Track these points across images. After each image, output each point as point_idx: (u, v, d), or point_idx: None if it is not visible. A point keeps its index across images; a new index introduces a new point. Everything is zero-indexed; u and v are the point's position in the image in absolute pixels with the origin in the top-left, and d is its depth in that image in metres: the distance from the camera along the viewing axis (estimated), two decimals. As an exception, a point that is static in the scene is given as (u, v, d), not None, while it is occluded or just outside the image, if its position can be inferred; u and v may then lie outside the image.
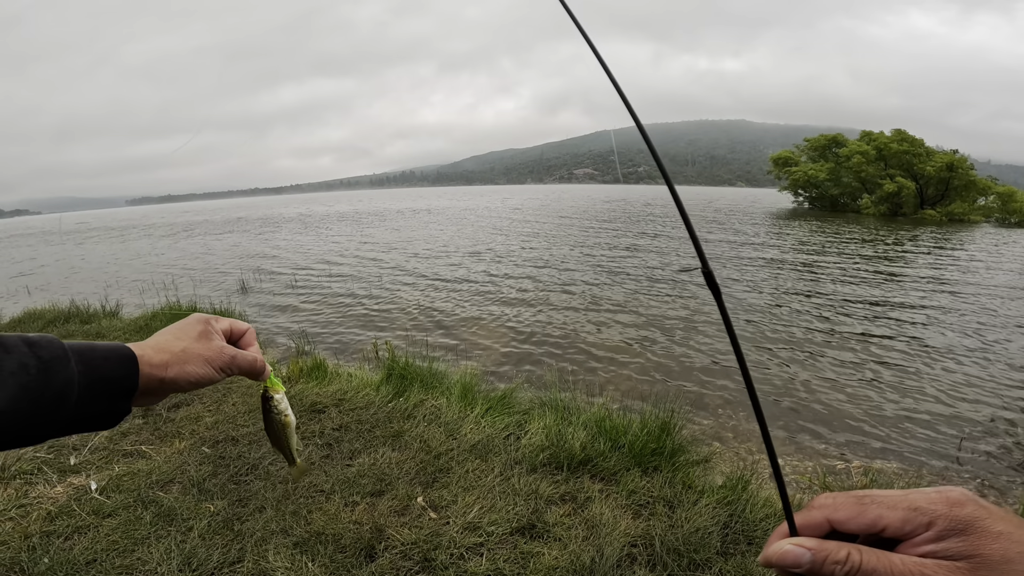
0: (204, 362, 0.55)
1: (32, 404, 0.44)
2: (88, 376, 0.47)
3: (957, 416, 4.30)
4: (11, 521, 2.18)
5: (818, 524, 0.36)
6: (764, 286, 9.63)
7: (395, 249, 15.76)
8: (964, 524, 0.32)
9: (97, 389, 0.48)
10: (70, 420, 0.47)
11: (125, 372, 0.50)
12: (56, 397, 0.45)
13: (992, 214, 34.65)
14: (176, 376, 0.53)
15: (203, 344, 0.56)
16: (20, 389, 0.43)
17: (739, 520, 2.20)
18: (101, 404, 0.49)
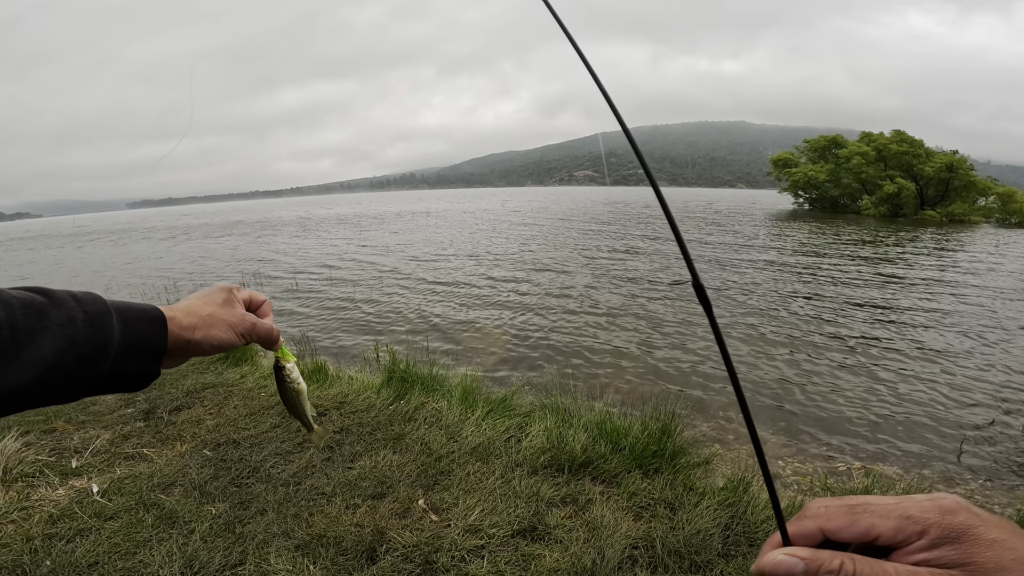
0: (228, 327, 0.58)
1: (77, 358, 0.44)
2: (125, 334, 0.48)
3: (958, 418, 4.30)
4: (13, 524, 2.18)
5: (811, 533, 0.36)
6: (765, 288, 9.63)
7: (394, 252, 15.78)
8: (957, 532, 0.32)
9: (132, 348, 0.49)
10: (103, 377, 0.47)
11: (156, 333, 0.51)
12: (97, 352, 0.46)
13: (992, 215, 34.66)
14: (202, 339, 0.55)
15: (227, 310, 0.59)
16: (68, 342, 0.44)
17: (740, 522, 2.20)
18: (134, 364, 0.50)
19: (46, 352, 0.42)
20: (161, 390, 3.69)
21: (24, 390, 0.41)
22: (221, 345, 0.57)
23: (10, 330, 0.40)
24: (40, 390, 0.43)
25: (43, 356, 0.42)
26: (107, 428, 3.12)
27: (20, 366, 0.40)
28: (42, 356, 0.42)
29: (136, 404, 3.47)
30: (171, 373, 4.05)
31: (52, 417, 3.22)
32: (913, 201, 35.81)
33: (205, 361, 4.37)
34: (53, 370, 0.43)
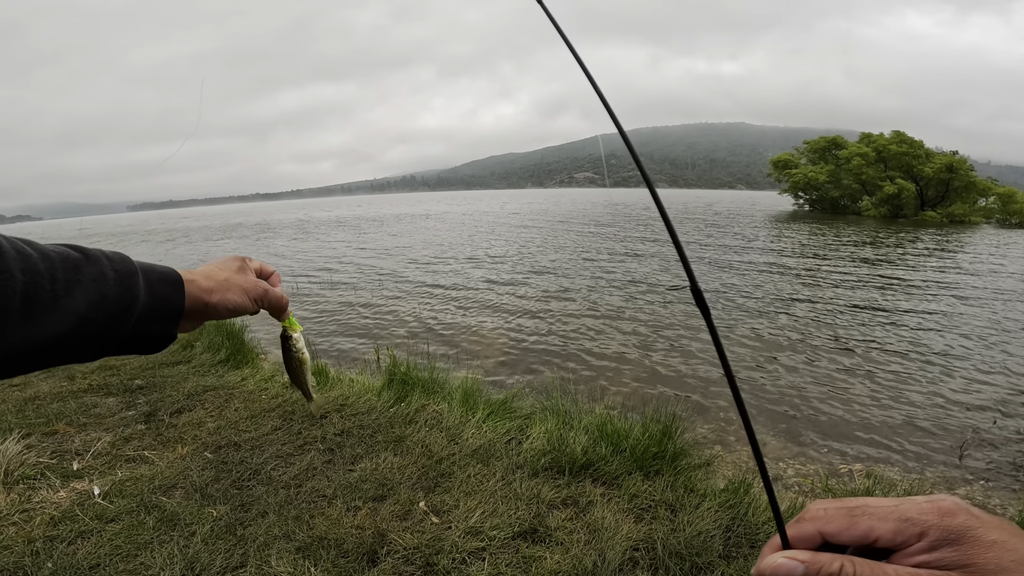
0: (242, 292, 0.60)
1: (106, 314, 0.46)
2: (149, 295, 0.50)
3: (959, 419, 4.30)
4: (14, 526, 2.18)
5: (810, 536, 0.36)
6: (765, 290, 9.63)
7: (393, 255, 15.79)
8: (956, 534, 0.32)
9: (154, 309, 0.50)
10: (127, 337, 0.49)
11: (176, 296, 0.53)
12: (124, 310, 0.47)
13: (993, 215, 34.65)
14: (218, 302, 0.57)
15: (242, 276, 0.61)
16: (100, 296, 0.45)
17: (741, 523, 2.20)
18: (155, 325, 0.51)
19: (80, 305, 0.44)
20: (162, 392, 3.69)
21: (58, 340, 0.43)
22: (236, 309, 0.59)
23: (50, 281, 0.42)
24: (72, 342, 0.44)
25: (77, 308, 0.43)
26: (108, 430, 3.13)
27: (57, 316, 0.42)
28: (76, 308, 0.43)
29: (137, 407, 3.47)
30: (173, 376, 4.06)
31: (53, 419, 3.22)
32: (913, 202, 35.81)
33: (206, 364, 4.38)
34: (85, 323, 0.44)
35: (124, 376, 4.07)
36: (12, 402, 3.56)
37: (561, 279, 10.71)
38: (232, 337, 4.90)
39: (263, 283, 0.64)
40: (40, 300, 0.41)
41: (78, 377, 4.06)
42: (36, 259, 0.42)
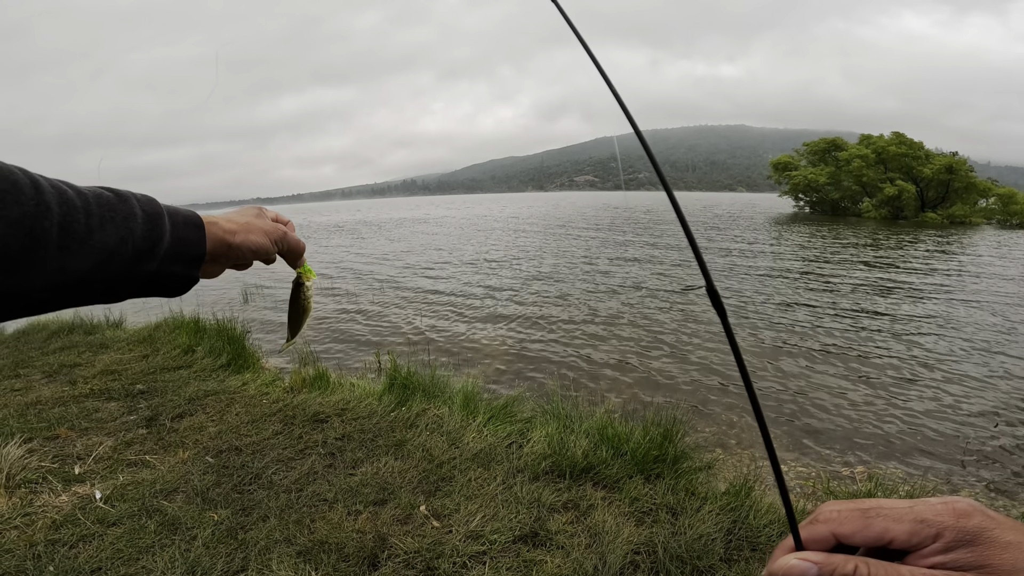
0: (263, 233, 0.62)
1: (134, 251, 0.47)
2: (173, 236, 0.51)
3: (962, 422, 4.29)
4: (16, 530, 2.19)
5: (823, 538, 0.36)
6: (766, 292, 9.63)
7: (392, 260, 15.81)
8: (972, 535, 0.32)
9: (178, 250, 0.52)
10: (151, 277, 0.50)
11: (198, 239, 0.54)
12: (150, 249, 0.49)
13: (993, 216, 34.62)
14: (241, 243, 0.59)
15: (262, 220, 0.63)
16: (129, 233, 0.47)
17: (743, 526, 2.20)
18: (178, 266, 0.52)
19: (111, 240, 0.45)
20: (163, 397, 3.70)
21: (89, 274, 0.44)
22: (257, 250, 0.61)
23: (85, 216, 0.44)
24: (101, 277, 0.45)
25: (108, 243, 0.45)
26: (110, 435, 3.13)
27: (90, 249, 0.44)
28: (108, 243, 0.45)
29: (139, 411, 3.48)
30: (174, 380, 4.06)
31: (55, 424, 3.23)
32: (914, 203, 35.81)
33: (207, 368, 4.38)
34: (114, 258, 0.45)
35: (125, 381, 4.08)
36: (14, 406, 3.56)
37: (560, 284, 10.72)
38: (233, 342, 4.91)
39: (282, 227, 0.66)
40: (75, 232, 0.43)
41: (80, 382, 4.07)
42: (72, 195, 0.44)
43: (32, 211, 0.40)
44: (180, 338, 5.15)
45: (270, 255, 0.64)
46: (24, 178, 0.40)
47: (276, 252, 0.65)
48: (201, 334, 5.22)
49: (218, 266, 0.61)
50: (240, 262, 0.62)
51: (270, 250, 0.63)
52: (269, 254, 0.63)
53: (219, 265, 0.61)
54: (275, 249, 0.64)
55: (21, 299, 0.41)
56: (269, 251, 0.63)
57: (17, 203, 0.39)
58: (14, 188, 0.39)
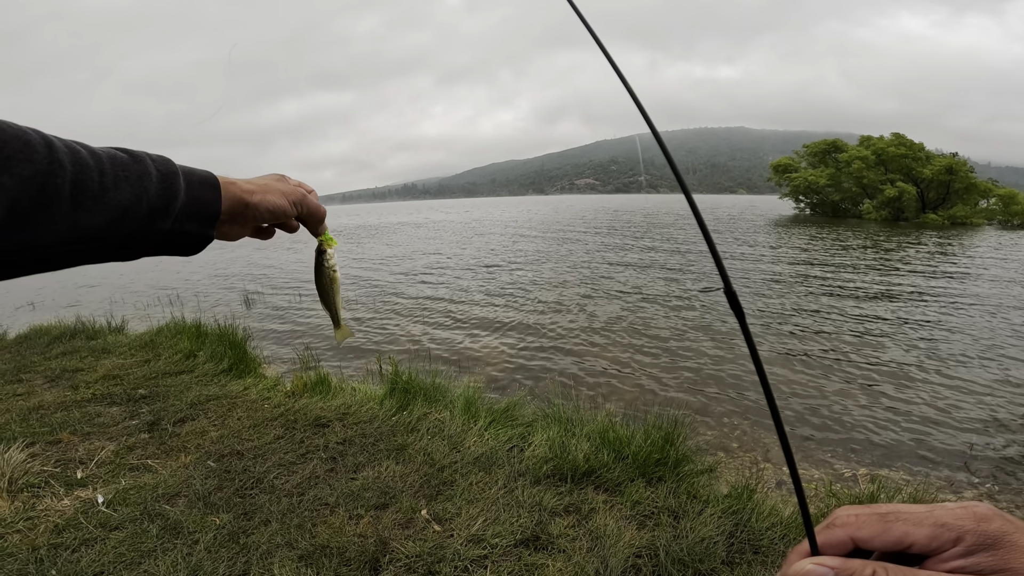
0: (281, 194, 0.62)
1: (148, 209, 0.49)
2: (188, 195, 0.52)
3: (965, 424, 4.27)
4: (19, 533, 2.19)
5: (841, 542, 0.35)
6: (767, 294, 9.62)
7: (392, 265, 15.84)
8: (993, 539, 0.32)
9: (192, 209, 0.53)
10: (167, 235, 0.51)
11: (213, 199, 0.55)
12: (165, 207, 0.50)
13: (995, 216, 34.54)
14: (258, 203, 0.60)
15: (282, 183, 0.64)
16: (143, 191, 0.48)
17: (745, 529, 2.19)
18: (193, 224, 0.53)
19: (125, 198, 0.46)
20: (165, 402, 3.71)
21: (103, 231, 0.45)
22: (274, 209, 0.61)
23: (99, 174, 0.45)
24: (115, 233, 0.47)
25: (122, 201, 0.46)
26: (112, 439, 3.14)
27: (104, 206, 0.45)
28: (122, 201, 0.46)
29: (140, 416, 3.49)
30: (176, 385, 4.07)
31: (57, 428, 3.24)
32: (914, 205, 35.76)
33: (209, 373, 4.39)
34: (128, 215, 0.47)
35: (127, 386, 4.09)
36: (16, 411, 3.57)
37: (560, 288, 10.72)
38: (235, 347, 4.92)
39: (302, 190, 0.66)
40: (89, 190, 0.44)
41: (82, 387, 4.08)
42: (86, 155, 0.45)
43: (45, 169, 0.41)
44: (182, 343, 5.16)
45: (288, 217, 0.64)
46: (38, 138, 0.42)
47: (295, 215, 0.64)
48: (203, 339, 5.23)
49: (237, 227, 0.62)
50: (258, 223, 0.62)
51: (288, 211, 0.63)
52: (287, 215, 0.63)
53: (238, 226, 0.62)
54: (294, 211, 0.64)
55: (33, 252, 0.43)
56: (287, 212, 0.63)
57: (30, 161, 0.40)
58: (27, 147, 0.40)
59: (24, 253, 0.42)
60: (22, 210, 0.40)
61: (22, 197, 0.39)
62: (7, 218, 0.39)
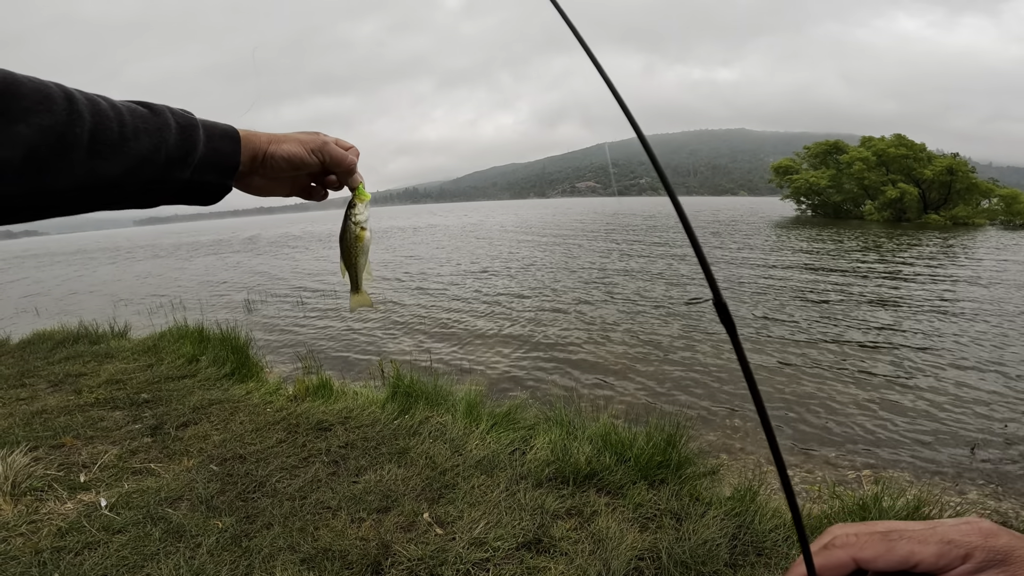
0: (299, 143, 0.62)
1: (166, 159, 0.51)
2: (207, 147, 0.55)
3: (970, 425, 4.26)
4: (22, 537, 2.20)
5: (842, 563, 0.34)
6: (769, 295, 9.61)
7: (393, 268, 15.86)
8: (1003, 554, 0.31)
9: (212, 160, 0.55)
10: (185, 184, 0.54)
11: (233, 150, 0.57)
12: (183, 158, 0.52)
13: (997, 216, 34.44)
14: (274, 152, 0.61)
15: (303, 133, 0.64)
16: (161, 141, 0.50)
17: (747, 531, 2.19)
18: (211, 175, 0.56)
19: (143, 147, 0.49)
20: (168, 406, 3.72)
21: (121, 178, 0.48)
22: (291, 157, 0.61)
23: (119, 125, 0.47)
24: (133, 181, 0.49)
25: (140, 151, 0.49)
26: (115, 443, 3.15)
27: (122, 155, 0.47)
28: (139, 150, 0.49)
29: (143, 420, 3.50)
30: (178, 390, 4.08)
31: (60, 432, 3.25)
32: (916, 205, 35.69)
33: (211, 378, 4.40)
34: (146, 164, 0.49)
35: (130, 390, 4.10)
36: (20, 415, 3.59)
37: (563, 291, 10.73)
38: (237, 351, 4.93)
39: (324, 136, 0.65)
40: (107, 140, 0.46)
41: (85, 391, 4.10)
42: (106, 107, 0.47)
43: (64, 119, 0.43)
44: (184, 348, 5.17)
45: (308, 165, 0.63)
46: (58, 90, 0.44)
47: (315, 163, 0.63)
48: (205, 344, 5.24)
49: (263, 179, 0.63)
50: (279, 173, 0.62)
51: (305, 158, 0.62)
52: (305, 163, 0.63)
53: (263, 178, 0.63)
54: (313, 159, 0.63)
55: (51, 197, 0.45)
56: (304, 159, 0.62)
57: (49, 112, 0.42)
58: (46, 99, 0.43)
59: (42, 197, 0.44)
60: (40, 157, 0.42)
61: (40, 145, 0.42)
62: (23, 164, 0.41)
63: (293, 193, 0.68)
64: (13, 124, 0.40)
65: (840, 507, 2.38)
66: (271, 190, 0.65)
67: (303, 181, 0.68)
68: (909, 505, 2.29)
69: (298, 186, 0.67)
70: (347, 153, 0.66)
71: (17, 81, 0.41)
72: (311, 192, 0.69)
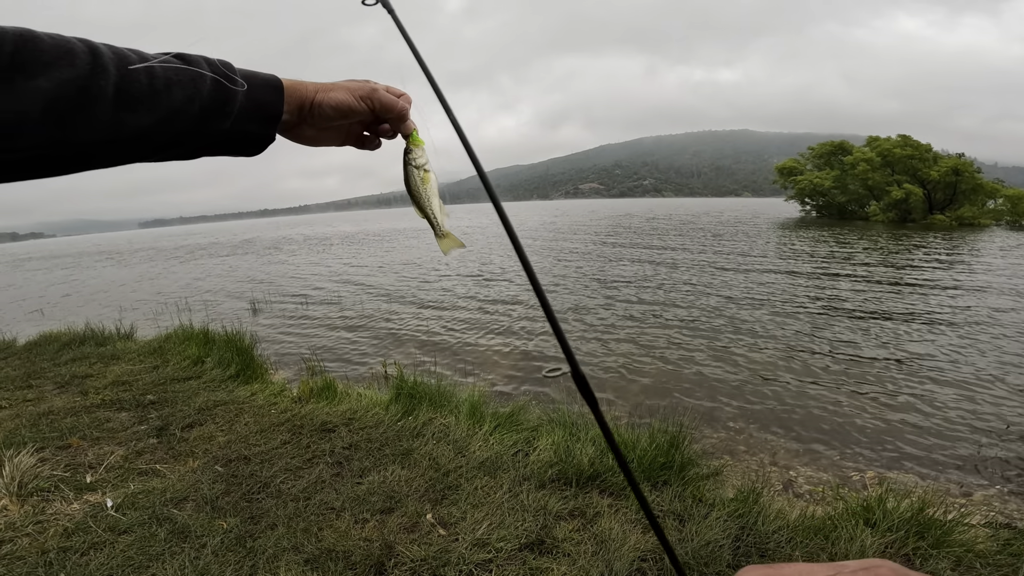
0: (347, 91, 0.61)
1: (201, 110, 0.50)
2: (248, 97, 0.54)
3: (975, 425, 4.23)
4: (28, 537, 2.22)
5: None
6: (775, 297, 9.58)
7: (395, 272, 15.89)
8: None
9: (253, 110, 0.55)
10: (226, 135, 0.54)
11: (274, 99, 0.57)
12: (219, 108, 0.52)
13: (1002, 217, 34.21)
14: (322, 100, 0.60)
15: (351, 81, 0.63)
16: (195, 92, 0.50)
17: (751, 532, 2.18)
18: (253, 125, 0.55)
19: (176, 99, 0.49)
20: (174, 407, 3.74)
21: (151, 129, 0.48)
22: (339, 105, 0.61)
23: (148, 77, 0.47)
24: (166, 131, 0.49)
25: (172, 102, 0.48)
26: (121, 444, 3.17)
27: (150, 108, 0.47)
28: (171, 102, 0.48)
29: (149, 421, 3.52)
30: (184, 391, 4.10)
31: (67, 433, 3.27)
32: (921, 206, 35.50)
33: (216, 379, 4.43)
34: (177, 115, 0.49)
35: (136, 391, 4.13)
36: (27, 416, 3.62)
37: (568, 293, 10.73)
38: (242, 353, 4.96)
39: (373, 83, 0.63)
40: (135, 92, 0.46)
41: (91, 392, 4.13)
42: (134, 59, 0.47)
43: (87, 72, 0.43)
44: (190, 349, 5.20)
45: (357, 113, 0.62)
46: (81, 45, 0.44)
47: (364, 109, 0.62)
48: (210, 345, 5.27)
49: (312, 129, 0.62)
50: (328, 122, 0.61)
51: (354, 105, 0.61)
52: (354, 110, 0.62)
53: (312, 128, 0.62)
54: (362, 106, 0.62)
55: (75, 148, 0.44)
56: (352, 106, 0.61)
57: (71, 66, 0.42)
58: (68, 54, 0.43)
59: (67, 148, 0.44)
60: (60, 109, 0.42)
61: (60, 98, 0.42)
62: (43, 116, 0.41)
63: (347, 142, 0.68)
64: (32, 78, 0.41)
65: (844, 509, 2.37)
66: (322, 140, 0.64)
67: (356, 130, 0.67)
68: (914, 506, 2.27)
69: (352, 135, 0.67)
70: (398, 99, 0.64)
71: (36, 37, 0.42)
72: (364, 141, 0.68)
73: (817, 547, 2.08)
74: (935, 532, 2.13)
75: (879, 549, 2.05)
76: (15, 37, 0.41)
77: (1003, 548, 2.08)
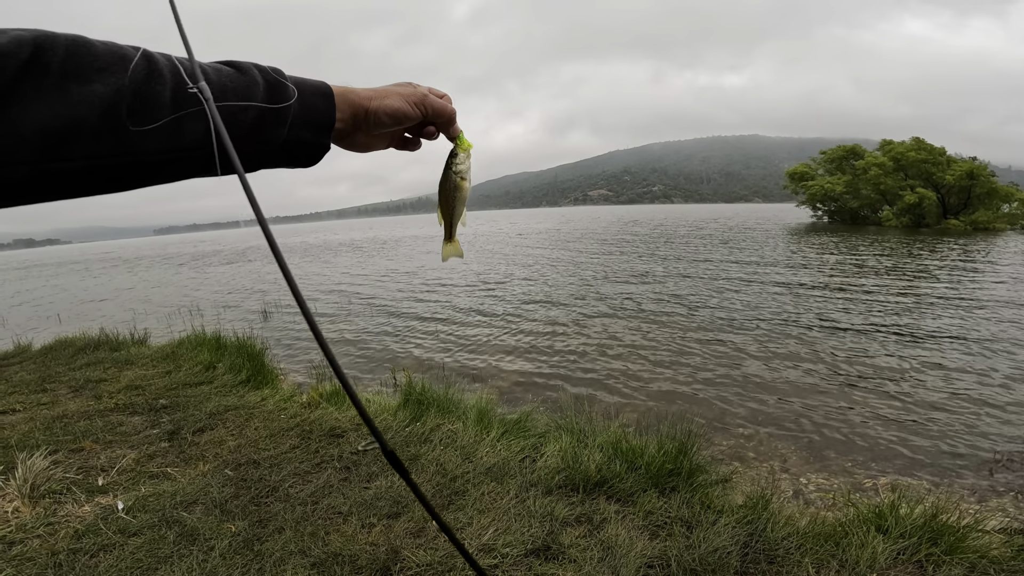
0: (400, 97, 0.62)
1: (256, 115, 0.50)
2: (300, 104, 0.54)
3: (989, 431, 4.14)
4: (39, 539, 2.25)
5: None
6: (786, 304, 9.48)
7: (403, 278, 15.98)
8: None
9: (306, 118, 0.54)
10: (283, 144, 0.53)
11: (326, 106, 0.56)
12: (276, 115, 0.52)
13: (1017, 222, 33.61)
14: (377, 107, 0.60)
15: (403, 87, 0.64)
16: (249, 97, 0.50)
17: (759, 539, 2.15)
18: (307, 133, 0.55)
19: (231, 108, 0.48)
20: (185, 412, 3.78)
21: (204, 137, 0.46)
22: (395, 113, 0.61)
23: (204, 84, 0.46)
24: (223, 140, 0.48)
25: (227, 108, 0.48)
26: (133, 448, 3.21)
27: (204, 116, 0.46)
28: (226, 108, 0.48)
29: (161, 425, 3.56)
30: (195, 396, 4.15)
31: (80, 437, 3.32)
32: (935, 211, 35.00)
33: (227, 384, 4.47)
34: (233, 120, 0.48)
35: (149, 396, 4.19)
36: (41, 420, 3.68)
37: (569, 304, 10.71)
38: (253, 359, 5.01)
39: (423, 89, 0.64)
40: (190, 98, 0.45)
41: (104, 396, 4.19)
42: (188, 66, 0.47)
43: (142, 78, 0.43)
44: (202, 355, 5.27)
45: (411, 119, 0.63)
46: (134, 52, 0.44)
47: (418, 116, 0.63)
48: (222, 351, 5.33)
49: (364, 136, 0.63)
50: (382, 128, 0.62)
51: (409, 113, 0.62)
52: (409, 117, 0.62)
53: (365, 135, 0.62)
54: (416, 112, 0.63)
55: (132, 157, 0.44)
56: (408, 114, 0.62)
57: (125, 71, 0.42)
58: (121, 60, 0.42)
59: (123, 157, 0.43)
60: (117, 115, 0.41)
61: (118, 103, 0.41)
62: (100, 123, 0.41)
63: (392, 145, 0.69)
64: (87, 84, 0.40)
65: (855, 515, 2.33)
66: (372, 145, 0.65)
67: (399, 133, 0.68)
68: (927, 513, 2.23)
69: (396, 138, 0.68)
70: (446, 105, 0.66)
71: (90, 43, 0.41)
72: (408, 143, 0.69)
73: (827, 554, 2.05)
74: (948, 538, 2.09)
75: (891, 556, 2.02)
76: (68, 43, 0.40)
77: (1018, 554, 2.03)
